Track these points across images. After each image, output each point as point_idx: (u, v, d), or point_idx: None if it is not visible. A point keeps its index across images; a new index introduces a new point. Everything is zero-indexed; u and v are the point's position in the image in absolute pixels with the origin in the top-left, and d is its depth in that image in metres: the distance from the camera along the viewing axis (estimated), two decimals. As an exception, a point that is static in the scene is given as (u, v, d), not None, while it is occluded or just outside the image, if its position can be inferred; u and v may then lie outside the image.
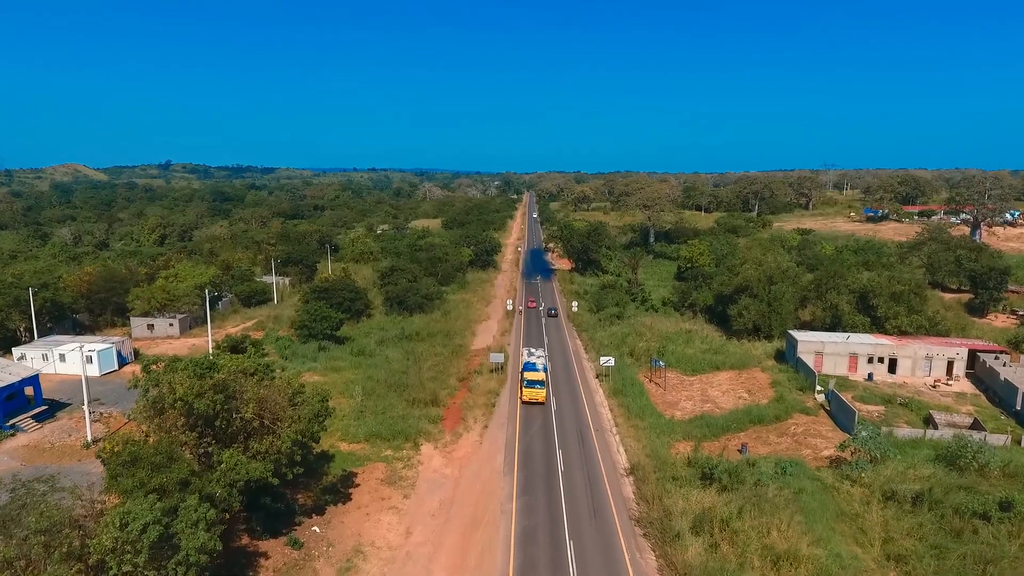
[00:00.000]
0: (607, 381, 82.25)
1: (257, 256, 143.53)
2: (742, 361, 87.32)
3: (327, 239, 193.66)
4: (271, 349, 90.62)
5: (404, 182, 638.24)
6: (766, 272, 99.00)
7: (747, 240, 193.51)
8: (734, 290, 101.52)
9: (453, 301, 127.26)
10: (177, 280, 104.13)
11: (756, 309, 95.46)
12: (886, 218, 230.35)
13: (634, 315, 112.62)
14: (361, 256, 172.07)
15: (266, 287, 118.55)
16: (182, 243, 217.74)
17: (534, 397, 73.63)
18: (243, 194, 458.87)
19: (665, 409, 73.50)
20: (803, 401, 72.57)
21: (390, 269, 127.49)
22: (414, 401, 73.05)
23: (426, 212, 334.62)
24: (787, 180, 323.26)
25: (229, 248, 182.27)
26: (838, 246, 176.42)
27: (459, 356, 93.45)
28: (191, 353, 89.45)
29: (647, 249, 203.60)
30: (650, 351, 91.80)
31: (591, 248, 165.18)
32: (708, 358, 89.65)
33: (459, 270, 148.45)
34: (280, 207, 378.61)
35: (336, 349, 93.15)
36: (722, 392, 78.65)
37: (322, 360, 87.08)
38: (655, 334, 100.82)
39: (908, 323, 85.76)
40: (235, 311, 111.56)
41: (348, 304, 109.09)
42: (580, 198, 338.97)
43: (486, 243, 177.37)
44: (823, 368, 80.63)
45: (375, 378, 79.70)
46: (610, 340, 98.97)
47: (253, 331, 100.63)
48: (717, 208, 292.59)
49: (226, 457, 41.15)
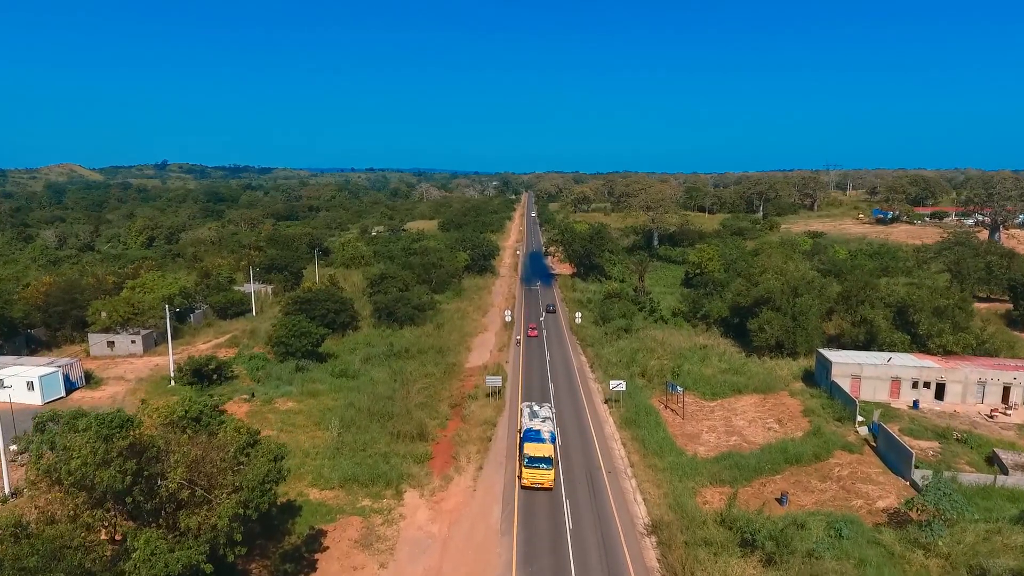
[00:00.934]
0: (617, 408, 72.57)
1: (240, 262, 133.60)
2: (767, 383, 77.66)
3: (317, 242, 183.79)
4: (242, 370, 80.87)
5: (402, 182, 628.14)
6: (789, 283, 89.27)
7: (755, 243, 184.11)
8: (754, 302, 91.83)
9: (447, 311, 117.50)
10: (143, 291, 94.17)
11: (779, 324, 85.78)
12: (897, 220, 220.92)
13: (643, 328, 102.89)
14: (352, 261, 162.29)
15: (244, 297, 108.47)
16: (169, 246, 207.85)
17: (539, 482, 53.19)
18: (238, 195, 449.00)
19: (686, 443, 63.80)
20: (843, 435, 62.92)
21: (379, 276, 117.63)
22: (399, 434, 63.31)
23: (423, 213, 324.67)
24: (790, 180, 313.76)
25: (213, 252, 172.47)
26: (851, 250, 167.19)
27: (452, 376, 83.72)
28: (152, 375, 79.86)
29: (650, 252, 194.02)
30: (664, 371, 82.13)
31: (593, 252, 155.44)
32: (728, 379, 79.97)
33: (454, 276, 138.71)
34: (274, 208, 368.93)
35: (316, 368, 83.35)
36: (748, 421, 68.96)
37: (299, 383, 77.24)
38: (667, 350, 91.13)
39: (954, 342, 76.07)
40: (209, 324, 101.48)
41: (332, 316, 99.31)
42: (580, 199, 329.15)
43: (483, 247, 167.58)
44: (861, 393, 71.00)
45: (357, 405, 69.97)
46: (618, 357, 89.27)
47: (225, 348, 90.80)
48: (720, 209, 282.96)
49: (141, 544, 31.38)
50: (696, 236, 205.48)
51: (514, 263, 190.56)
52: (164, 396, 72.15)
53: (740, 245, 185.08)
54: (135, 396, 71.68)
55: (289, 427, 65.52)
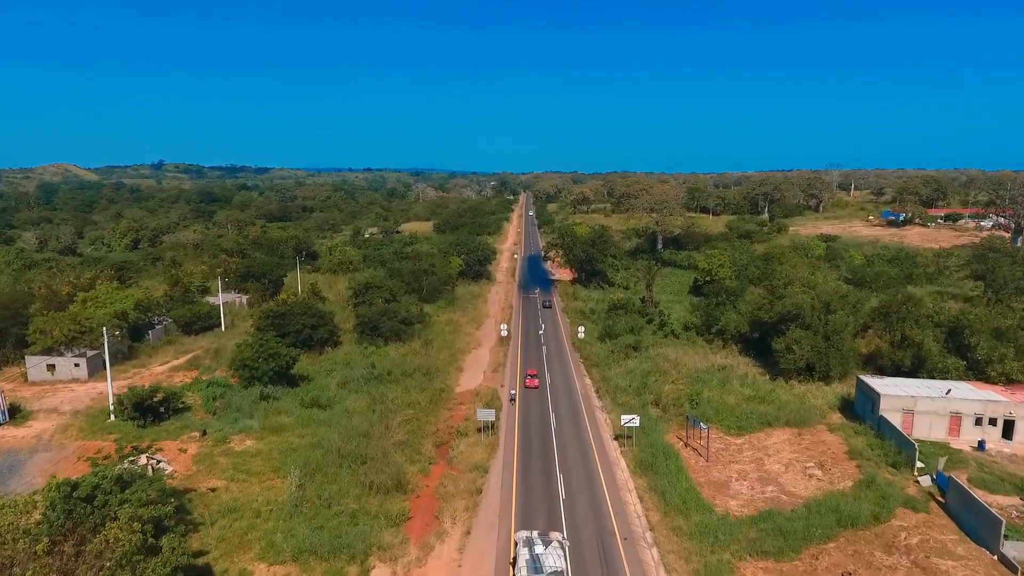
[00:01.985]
0: (630, 446, 61.78)
1: (216, 269, 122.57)
2: (800, 415, 66.93)
3: (304, 246, 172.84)
4: (196, 400, 69.88)
5: (399, 182, 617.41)
6: (820, 297, 78.45)
7: (765, 247, 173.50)
8: (779, 318, 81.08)
9: (438, 324, 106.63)
10: (95, 305, 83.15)
11: (810, 344, 75.05)
12: (909, 222, 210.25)
13: (653, 344, 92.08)
14: (339, 266, 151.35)
15: (212, 310, 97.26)
16: (152, 249, 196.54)
17: None
18: (232, 195, 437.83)
19: (714, 495, 53.02)
20: (902, 486, 52.22)
21: (364, 286, 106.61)
22: (372, 486, 52.47)
23: (418, 214, 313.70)
24: (795, 180, 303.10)
25: (193, 257, 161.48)
26: (867, 255, 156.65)
27: (440, 405, 72.85)
28: (93, 406, 68.34)
29: (654, 256, 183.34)
30: (680, 399, 71.33)
31: (595, 258, 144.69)
32: (755, 409, 69.25)
33: (447, 284, 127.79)
34: (267, 208, 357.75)
35: (285, 395, 72.43)
36: (784, 465, 58.22)
37: (262, 415, 66.27)
38: (682, 372, 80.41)
39: (1019, 368, 65.34)
40: (170, 342, 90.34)
41: (309, 332, 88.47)
42: (579, 199, 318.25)
43: (479, 251, 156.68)
44: (914, 430, 60.31)
45: (326, 444, 59.14)
46: (627, 381, 78.45)
47: (184, 370, 79.81)
48: (724, 210, 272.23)
49: None
50: (702, 239, 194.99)
51: (511, 267, 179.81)
52: (100, 434, 61.31)
53: (748, 249, 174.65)
54: (66, 435, 60.69)
55: (242, 474, 54.65)
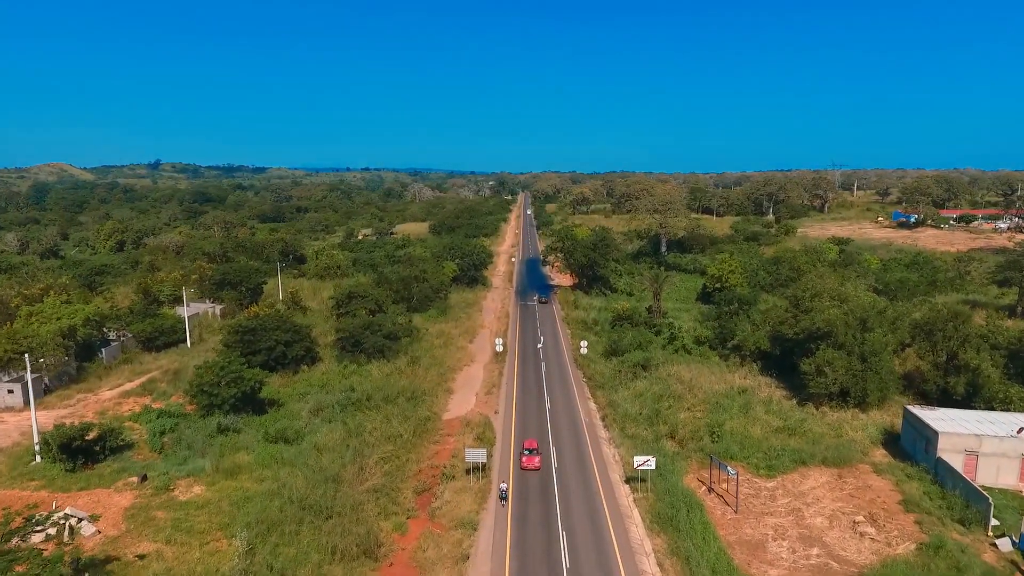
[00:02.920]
0: (644, 491, 52.35)
1: (191, 275, 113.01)
2: (838, 451, 57.53)
3: (291, 249, 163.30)
4: (141, 433, 60.32)
5: (397, 182, 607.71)
6: (855, 313, 68.96)
7: (773, 250, 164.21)
8: (806, 335, 71.69)
9: (428, 336, 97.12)
10: (40, 321, 73.63)
11: (844, 366, 65.71)
12: (922, 224, 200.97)
13: (664, 362, 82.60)
14: (327, 271, 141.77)
15: (177, 323, 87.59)
16: (137, 251, 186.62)
17: None
18: (226, 195, 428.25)
19: (748, 562, 43.60)
20: (975, 549, 42.89)
21: (347, 295, 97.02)
22: (337, 552, 43.01)
23: (414, 215, 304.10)
24: (799, 181, 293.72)
25: (173, 261, 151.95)
26: (884, 260, 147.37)
27: (425, 437, 63.37)
28: (20, 443, 58.73)
29: (658, 259, 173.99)
30: (698, 431, 61.92)
31: (597, 263, 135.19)
32: (785, 444, 59.88)
33: (439, 292, 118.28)
34: (261, 209, 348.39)
35: (249, 426, 62.97)
36: (827, 518, 48.78)
37: (217, 452, 56.71)
38: (698, 396, 71.03)
39: (1095, 401, 56.18)
40: (127, 360, 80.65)
41: (283, 349, 79.01)
42: (579, 200, 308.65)
43: (474, 255, 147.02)
44: (978, 475, 51.00)
45: (287, 493, 49.66)
46: (637, 407, 68.97)
47: (137, 396, 70.23)
48: (727, 211, 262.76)
49: None
50: (707, 241, 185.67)
51: (509, 272, 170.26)
52: (20, 480, 51.77)
53: (757, 253, 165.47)
54: (-19, 480, 51.19)
55: (182, 534, 45.08)
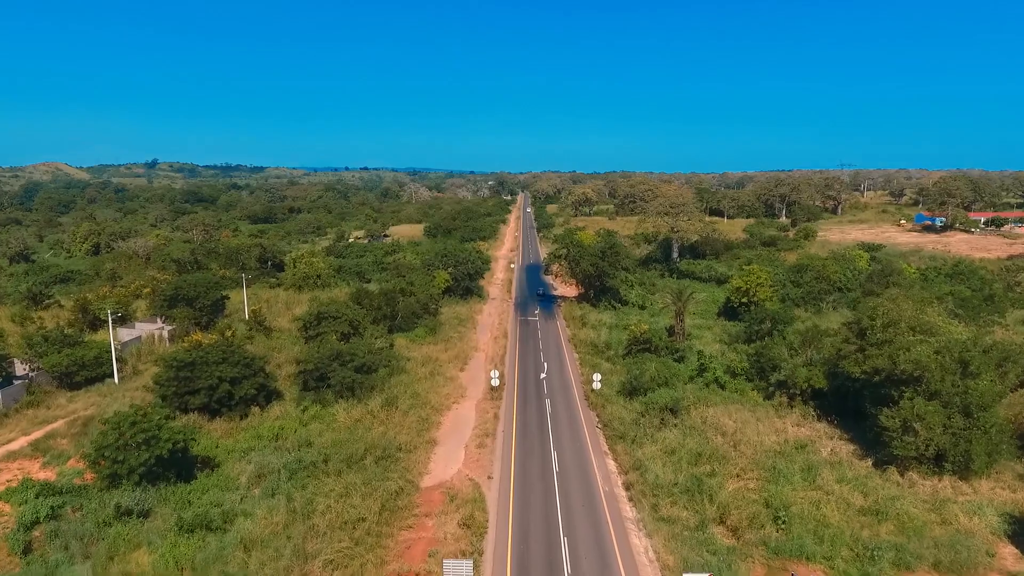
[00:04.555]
0: (696, 623, 36.38)
1: (143, 289, 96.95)
2: (955, 552, 41.40)
3: (270, 255, 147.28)
4: (9, 520, 44.16)
5: (395, 182, 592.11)
6: (953, 352, 52.94)
7: (796, 256, 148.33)
8: (884, 377, 55.69)
9: (412, 364, 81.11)
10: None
11: (940, 421, 49.80)
12: (950, 227, 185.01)
13: (695, 402, 66.56)
14: (305, 282, 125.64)
15: (103, 353, 71.09)
16: (100, 256, 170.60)
17: None
18: (219, 195, 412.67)
19: None
20: None
21: (315, 316, 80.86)
22: None
23: (409, 216, 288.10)
24: (811, 181, 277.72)
25: (138, 269, 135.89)
26: (920, 269, 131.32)
27: (395, 522, 47.21)
28: None
29: (669, 266, 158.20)
30: (758, 516, 45.84)
31: (607, 272, 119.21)
32: (876, 535, 43.88)
33: (427, 308, 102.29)
34: (252, 209, 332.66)
35: (166, 504, 47.03)
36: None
37: (103, 554, 40.71)
38: (747, 455, 55.03)
39: None
40: (32, 403, 63.95)
41: (228, 389, 63.00)
42: (581, 200, 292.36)
43: (470, 263, 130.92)
44: None
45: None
46: (671, 471, 52.80)
47: (28, 457, 54.08)
48: (738, 214, 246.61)
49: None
50: (721, 246, 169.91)
51: (508, 280, 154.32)
52: None
53: (778, 260, 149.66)
54: None
55: None
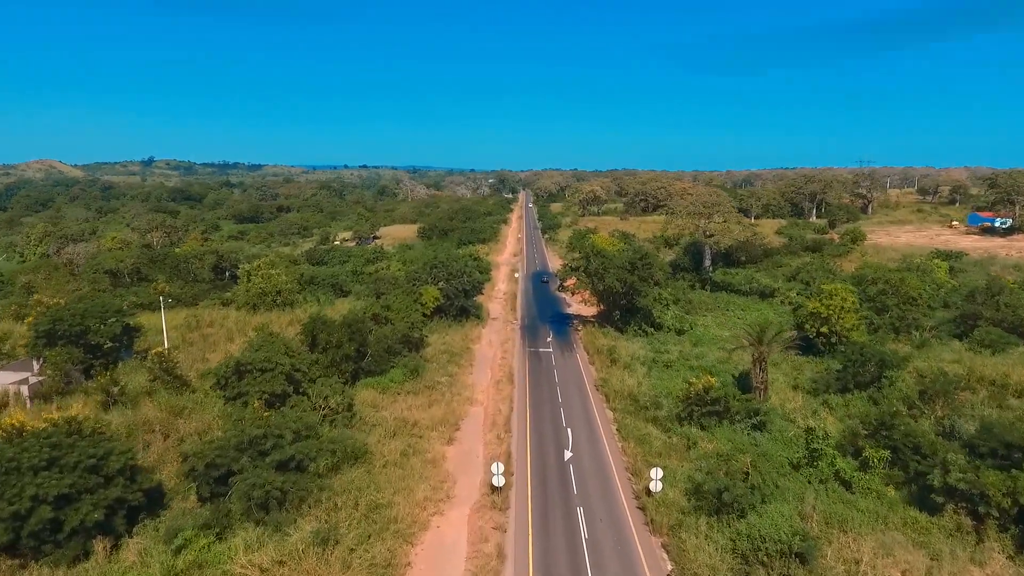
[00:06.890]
0: None
1: (26, 316, 70.70)
2: None
3: (227, 264, 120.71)
4: None
5: (393, 180, 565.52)
6: None
7: (856, 267, 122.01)
8: None
9: (378, 433, 54.52)
10: None
11: None
12: (1017, 230, 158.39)
13: (827, 525, 40.27)
14: (261, 299, 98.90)
15: None
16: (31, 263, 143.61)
17: None
18: (208, 192, 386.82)
19: None
20: None
21: (235, 368, 54.02)
22: None
23: (404, 216, 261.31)
24: (838, 178, 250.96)
25: (61, 282, 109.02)
26: (1019, 281, 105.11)
27: None
28: None
29: (701, 276, 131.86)
30: None
31: (637, 289, 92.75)
32: None
33: (408, 340, 75.87)
34: (238, 208, 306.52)
35: None
36: None
37: None
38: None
39: None
40: None
41: (50, 516, 36.52)
42: (589, 199, 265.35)
43: (466, 275, 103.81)
44: None
45: None
46: None
47: None
48: (763, 214, 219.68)
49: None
50: (759, 253, 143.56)
51: (511, 293, 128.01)
52: None
53: (834, 269, 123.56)
54: None
55: None
